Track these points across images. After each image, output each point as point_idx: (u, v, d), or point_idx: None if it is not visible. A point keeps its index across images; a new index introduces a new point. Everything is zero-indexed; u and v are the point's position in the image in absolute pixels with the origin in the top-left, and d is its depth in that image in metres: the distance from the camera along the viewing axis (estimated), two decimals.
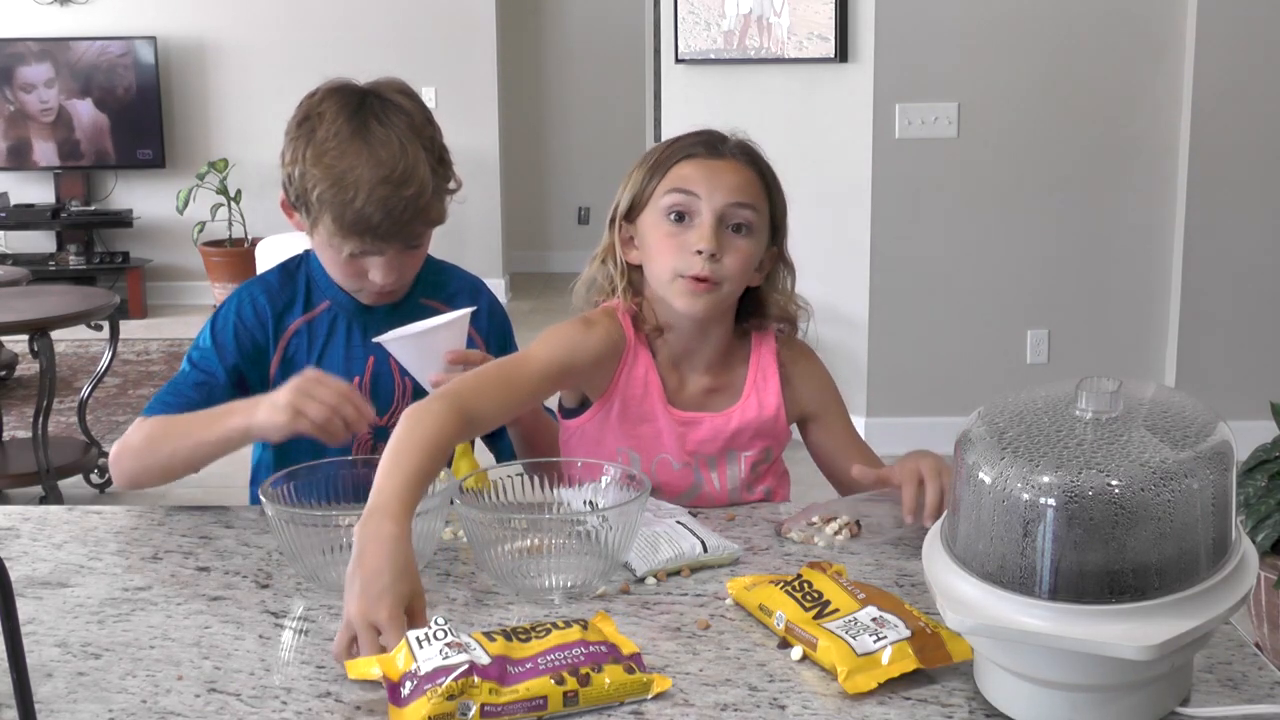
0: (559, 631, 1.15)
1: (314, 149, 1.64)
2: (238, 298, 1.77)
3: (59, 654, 1.23)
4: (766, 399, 1.68)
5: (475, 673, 1.08)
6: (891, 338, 4.35)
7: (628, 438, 1.64)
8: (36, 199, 7.09)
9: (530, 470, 1.47)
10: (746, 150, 1.65)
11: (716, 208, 1.58)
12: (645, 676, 1.13)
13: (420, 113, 1.70)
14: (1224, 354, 4.27)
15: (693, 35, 4.33)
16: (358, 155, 1.62)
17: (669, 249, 1.60)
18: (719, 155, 1.63)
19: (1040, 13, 4.16)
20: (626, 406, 1.64)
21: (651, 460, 1.65)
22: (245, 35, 7.03)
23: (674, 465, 1.65)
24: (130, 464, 1.67)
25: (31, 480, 3.96)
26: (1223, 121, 4.14)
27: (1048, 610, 1.03)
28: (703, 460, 1.66)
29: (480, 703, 1.07)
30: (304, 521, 1.37)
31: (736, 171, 1.62)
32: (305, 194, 1.66)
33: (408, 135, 1.65)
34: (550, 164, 8.09)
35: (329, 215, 1.64)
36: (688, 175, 1.61)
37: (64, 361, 5.60)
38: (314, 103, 1.68)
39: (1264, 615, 2.69)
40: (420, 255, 1.74)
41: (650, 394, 1.64)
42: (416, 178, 1.64)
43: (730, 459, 1.67)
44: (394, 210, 1.62)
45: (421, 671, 1.08)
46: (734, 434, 1.66)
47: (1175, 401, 1.12)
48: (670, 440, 1.65)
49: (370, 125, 1.64)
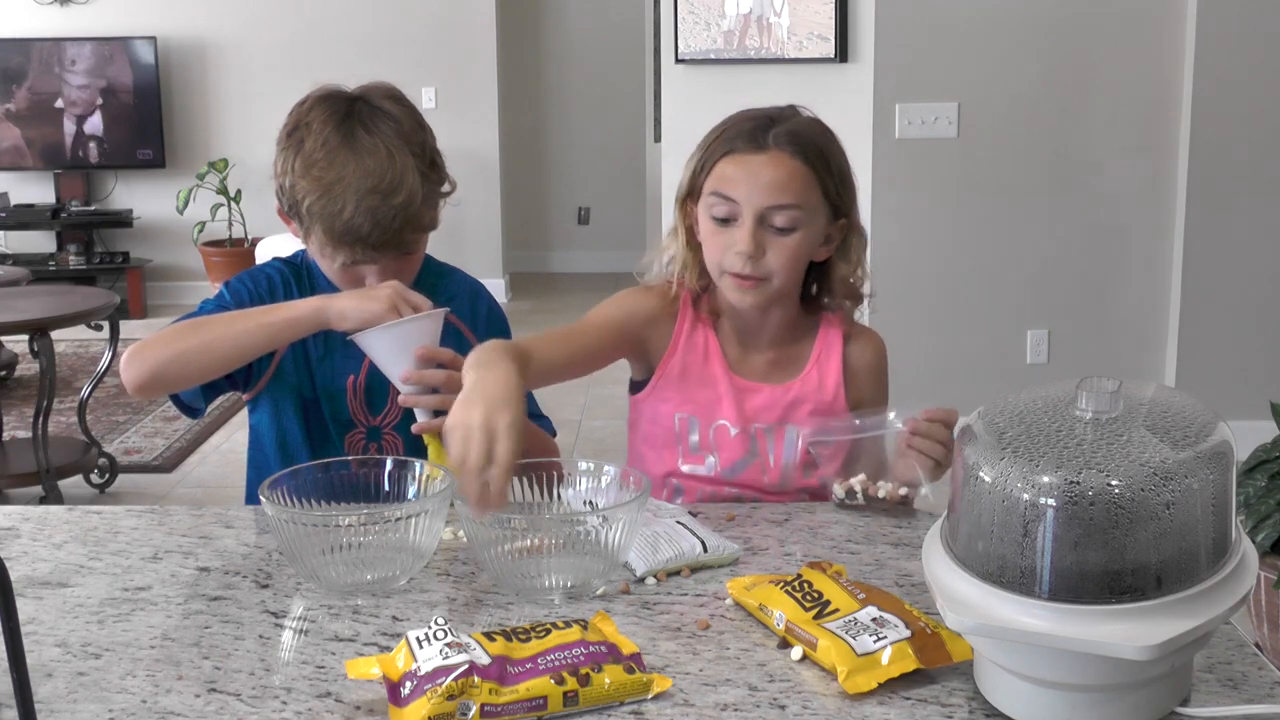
0: (559, 632, 1.15)
1: (302, 160, 1.64)
2: (253, 272, 1.78)
3: (59, 654, 1.23)
4: (827, 379, 1.72)
5: (475, 673, 1.08)
6: (891, 337, 4.32)
7: (687, 402, 1.69)
8: (36, 199, 7.09)
9: (530, 470, 1.47)
10: (793, 138, 1.62)
11: (756, 210, 1.60)
12: (645, 676, 1.13)
13: (409, 118, 1.69)
14: (1224, 354, 4.26)
15: (693, 35, 4.33)
16: (345, 165, 1.62)
17: (715, 246, 1.64)
18: (761, 148, 1.61)
19: (1040, 13, 4.16)
20: (687, 369, 1.69)
21: (710, 425, 1.69)
22: (245, 35, 7.03)
23: (731, 431, 1.69)
24: (157, 352, 1.59)
25: (31, 480, 3.96)
26: (1223, 121, 4.14)
27: (1047, 610, 1.03)
28: (760, 430, 1.69)
29: (480, 703, 1.07)
30: (304, 521, 1.37)
31: (778, 166, 1.61)
32: (297, 204, 1.66)
33: (396, 143, 1.64)
34: (550, 164, 8.09)
35: (320, 226, 1.64)
36: (728, 176, 1.62)
37: (64, 361, 5.60)
38: (302, 112, 1.68)
39: (1264, 615, 2.69)
40: (416, 260, 1.74)
41: (711, 359, 1.70)
42: (405, 186, 1.63)
43: (788, 432, 1.70)
44: (383, 220, 1.62)
45: (421, 671, 1.08)
46: (791, 404, 1.70)
47: (1175, 401, 1.12)
48: (729, 406, 1.69)
49: (357, 134, 1.63)
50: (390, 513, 1.38)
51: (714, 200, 1.62)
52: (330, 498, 1.46)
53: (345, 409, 1.74)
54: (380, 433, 1.76)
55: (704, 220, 1.65)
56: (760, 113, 1.66)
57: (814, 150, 1.63)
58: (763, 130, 1.62)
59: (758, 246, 1.60)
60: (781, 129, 1.63)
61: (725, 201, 1.61)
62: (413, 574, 1.38)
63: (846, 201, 1.67)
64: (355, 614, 1.31)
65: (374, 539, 1.37)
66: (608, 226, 7.99)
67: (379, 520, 1.37)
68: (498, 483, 1.26)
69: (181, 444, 4.64)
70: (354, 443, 1.74)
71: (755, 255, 1.60)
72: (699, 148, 1.68)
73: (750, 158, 1.61)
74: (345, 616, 1.30)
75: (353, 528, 1.37)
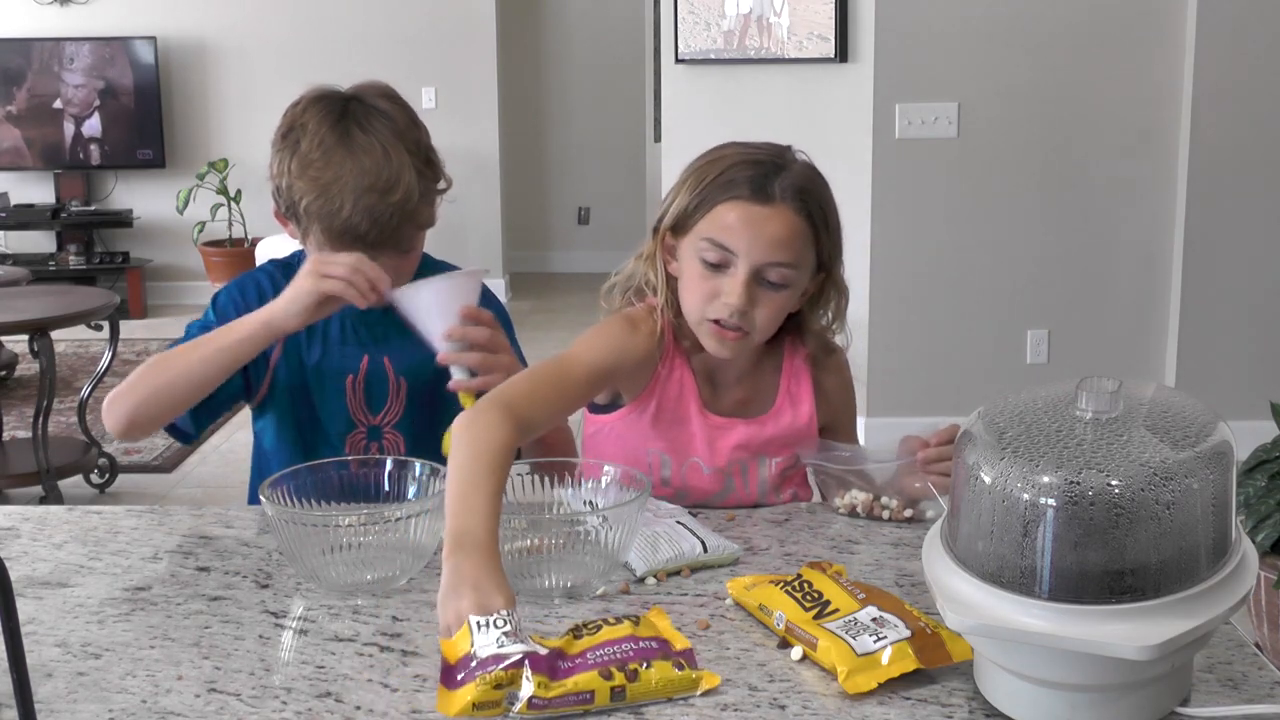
0: (610, 627, 1.17)
1: (299, 161, 1.64)
2: (241, 281, 1.77)
3: (59, 654, 1.23)
4: (800, 409, 1.68)
5: (528, 664, 1.09)
6: (891, 337, 4.35)
7: (661, 439, 1.64)
8: (36, 199, 7.09)
9: (530, 470, 1.47)
10: (799, 194, 1.55)
11: (753, 264, 1.54)
12: (694, 673, 1.14)
13: (403, 116, 1.69)
14: (1224, 354, 4.26)
15: (693, 35, 4.33)
16: (341, 165, 1.62)
17: (700, 291, 1.57)
18: (766, 200, 1.54)
19: (1040, 13, 4.16)
20: (662, 408, 1.64)
21: (682, 463, 1.65)
22: (245, 35, 7.03)
23: (704, 469, 1.65)
24: (128, 399, 1.61)
25: (31, 480, 3.96)
26: (1223, 120, 4.13)
27: (1048, 610, 1.03)
28: (735, 465, 1.66)
29: (529, 695, 1.08)
30: (304, 521, 1.37)
31: (783, 223, 1.54)
32: (294, 205, 1.66)
33: (391, 141, 1.65)
34: (550, 164, 8.09)
35: (318, 226, 1.65)
36: (729, 225, 1.54)
37: (64, 361, 5.60)
38: (297, 113, 1.68)
39: (1264, 615, 2.69)
40: (414, 258, 1.74)
41: (685, 397, 1.65)
42: (402, 183, 1.63)
43: (760, 463, 1.67)
44: (381, 218, 1.62)
45: (477, 657, 1.09)
46: (766, 441, 1.66)
47: (1175, 401, 1.12)
48: (702, 445, 1.65)
49: (353, 133, 1.64)
50: (390, 513, 1.38)
51: (707, 245, 1.55)
52: (330, 498, 1.46)
53: (345, 409, 1.74)
54: (381, 432, 1.76)
55: (689, 260, 1.58)
56: (762, 155, 1.58)
57: (816, 207, 1.57)
58: (768, 180, 1.54)
59: (750, 300, 1.55)
60: (787, 182, 1.55)
61: (720, 250, 1.54)
62: (413, 574, 1.38)
63: (833, 257, 1.62)
64: (355, 614, 1.31)
65: (374, 539, 1.37)
66: (608, 226, 7.99)
67: (379, 520, 1.37)
68: None
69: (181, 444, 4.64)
70: (355, 443, 1.75)
71: (745, 309, 1.54)
72: (693, 181, 1.58)
73: (754, 209, 1.54)
74: (345, 616, 1.30)
75: (353, 528, 1.37)
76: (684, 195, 1.59)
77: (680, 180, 1.62)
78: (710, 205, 1.56)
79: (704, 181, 1.57)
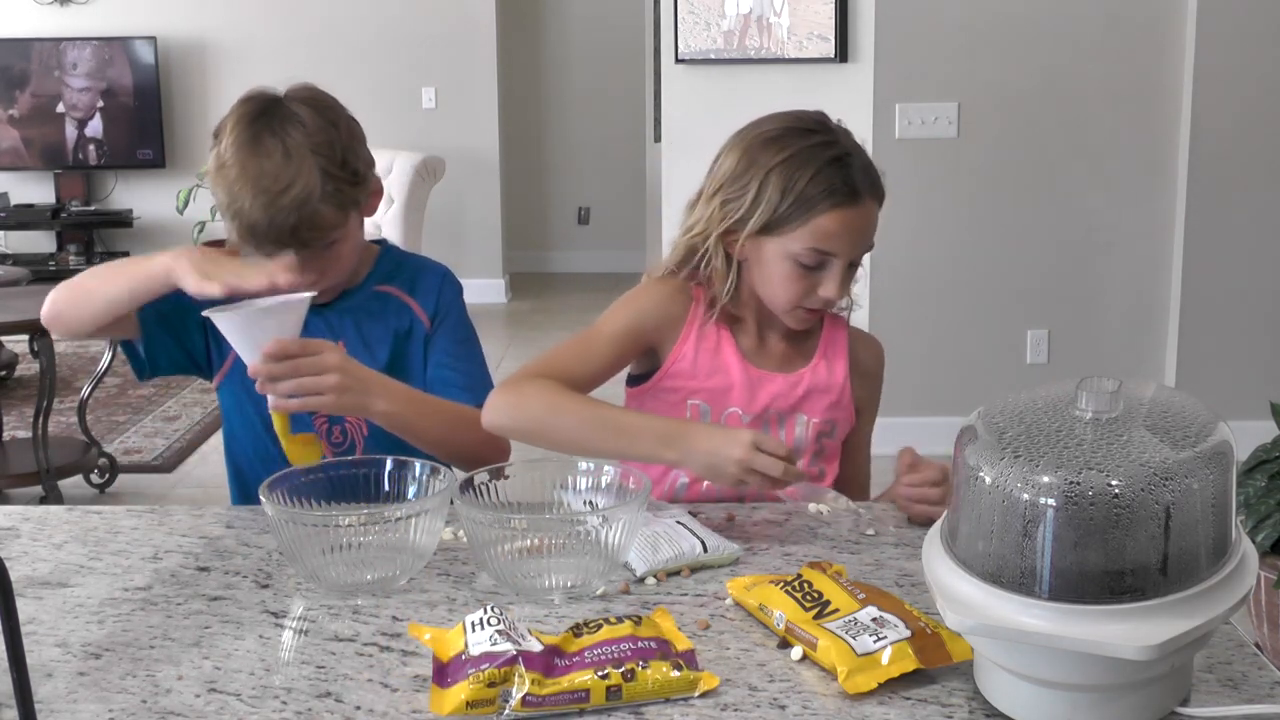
0: (610, 626, 1.17)
1: (216, 160, 1.71)
2: None
3: (59, 654, 1.23)
4: (835, 369, 1.74)
5: (522, 662, 1.09)
6: (891, 337, 4.32)
7: (699, 390, 1.69)
8: (36, 199, 7.09)
9: (530, 470, 1.47)
10: (875, 185, 1.65)
11: (849, 259, 1.64)
12: (692, 674, 1.13)
13: (316, 120, 1.71)
14: (1224, 354, 4.26)
15: (693, 35, 4.33)
16: (244, 166, 1.67)
17: (797, 289, 1.64)
18: (858, 200, 1.62)
19: (1040, 13, 4.16)
20: (699, 359, 1.69)
21: (721, 414, 1.69)
22: (245, 35, 7.03)
23: (743, 418, 1.69)
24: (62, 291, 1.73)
25: (31, 480, 3.96)
26: (1223, 121, 4.13)
27: (1048, 610, 1.02)
28: (772, 417, 1.70)
29: (523, 692, 1.07)
30: (304, 521, 1.37)
31: (870, 216, 1.65)
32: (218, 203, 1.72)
33: (297, 143, 1.68)
34: (550, 164, 8.09)
35: (230, 224, 1.71)
36: (831, 232, 1.61)
37: (64, 361, 5.60)
38: (225, 115, 1.74)
39: (1264, 615, 2.69)
40: (339, 255, 1.74)
41: (723, 348, 1.70)
42: (298, 185, 1.66)
43: (798, 421, 1.71)
44: (276, 218, 1.66)
45: (469, 655, 1.09)
46: (804, 395, 1.71)
47: (1175, 401, 1.12)
48: (740, 394, 1.69)
49: (262, 137, 1.68)
50: (390, 513, 1.38)
51: (808, 253, 1.61)
52: (330, 498, 1.46)
53: None
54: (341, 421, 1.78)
55: (778, 260, 1.63)
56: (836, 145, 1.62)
57: (881, 187, 1.67)
58: (850, 174, 1.61)
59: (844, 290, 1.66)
60: (860, 171, 1.62)
61: (821, 254, 1.62)
62: (413, 574, 1.38)
63: None
64: (355, 614, 1.31)
65: (374, 539, 1.37)
66: (608, 226, 7.99)
67: (379, 520, 1.37)
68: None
69: (181, 444, 4.64)
70: (318, 424, 1.76)
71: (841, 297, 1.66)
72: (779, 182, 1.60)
73: (850, 212, 1.61)
74: (345, 616, 1.30)
75: (353, 528, 1.37)
76: (771, 195, 1.61)
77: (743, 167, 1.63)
78: (806, 214, 1.60)
79: (795, 188, 1.60)
